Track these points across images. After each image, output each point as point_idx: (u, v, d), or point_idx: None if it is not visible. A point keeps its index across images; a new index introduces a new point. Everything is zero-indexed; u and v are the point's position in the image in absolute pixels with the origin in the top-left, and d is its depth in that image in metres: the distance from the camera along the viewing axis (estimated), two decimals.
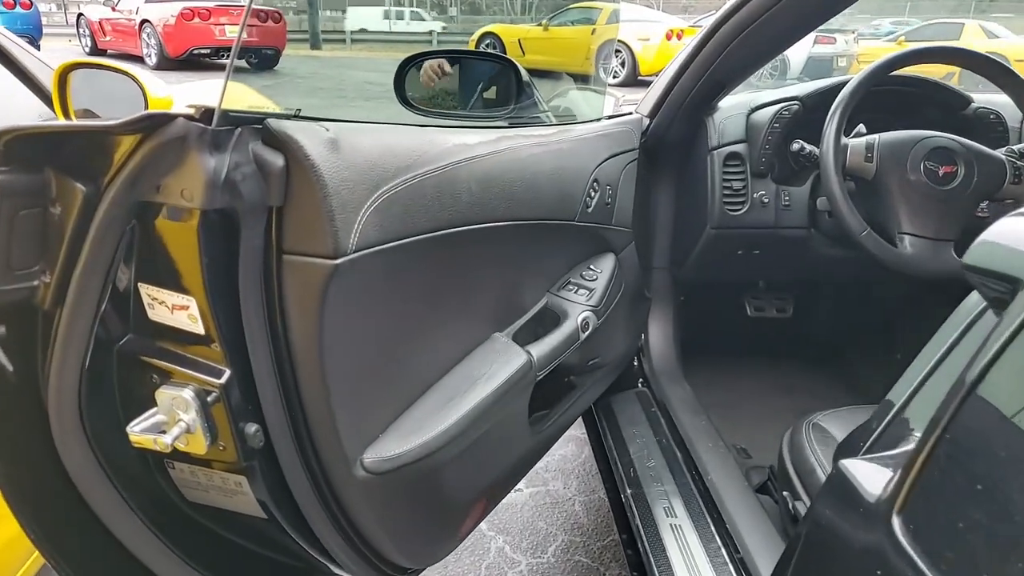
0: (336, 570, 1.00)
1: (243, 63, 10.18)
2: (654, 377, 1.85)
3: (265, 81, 9.51)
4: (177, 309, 0.74)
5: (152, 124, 0.64)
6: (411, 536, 1.03)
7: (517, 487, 2.01)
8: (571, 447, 2.25)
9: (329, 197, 0.73)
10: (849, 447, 0.85)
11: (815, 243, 1.76)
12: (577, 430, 2.16)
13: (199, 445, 0.76)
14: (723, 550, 1.29)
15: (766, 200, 1.71)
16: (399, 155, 0.85)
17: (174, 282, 0.73)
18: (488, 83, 1.56)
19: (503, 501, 1.35)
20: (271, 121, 0.72)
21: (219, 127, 0.67)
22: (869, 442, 0.75)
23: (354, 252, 0.75)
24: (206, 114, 0.66)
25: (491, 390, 1.00)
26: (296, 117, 0.74)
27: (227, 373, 0.75)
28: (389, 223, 0.81)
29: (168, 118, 0.64)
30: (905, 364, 0.79)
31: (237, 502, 0.86)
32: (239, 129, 0.70)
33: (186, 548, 0.91)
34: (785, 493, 1.36)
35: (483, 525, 1.86)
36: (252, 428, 0.78)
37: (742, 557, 1.26)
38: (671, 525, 1.36)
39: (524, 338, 1.17)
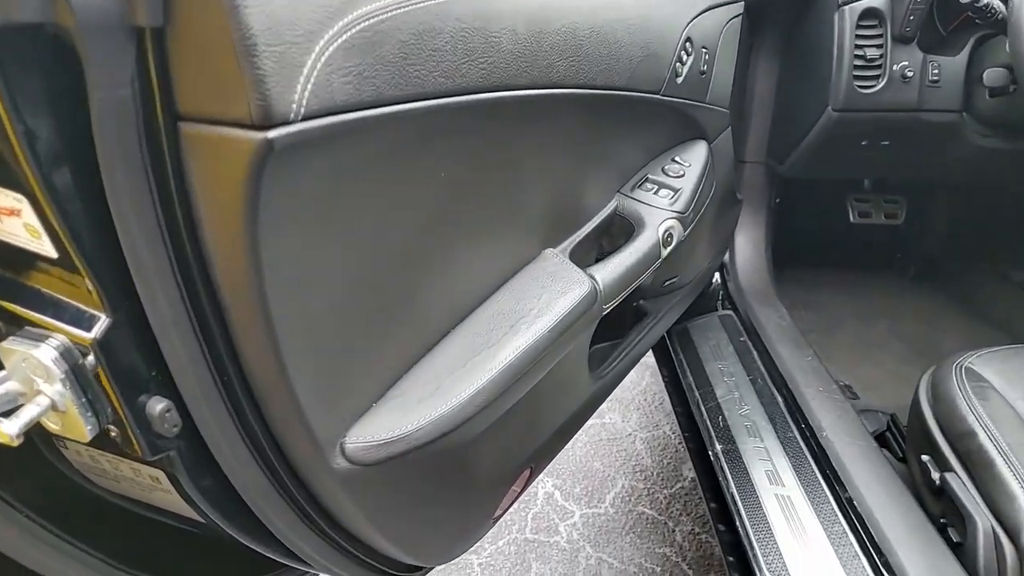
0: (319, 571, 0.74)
1: None
2: (741, 297, 1.52)
3: None
4: (6, 215, 0.43)
5: None
6: (422, 536, 0.77)
7: None
8: (630, 372, 1.95)
9: (245, 12, 0.39)
10: None
11: (967, 131, 1.36)
12: None
13: (77, 430, 0.48)
14: (850, 536, 0.99)
15: (909, 73, 1.31)
16: None
17: None
18: None
19: None
20: None
21: None
22: None
23: (303, 119, 0.44)
24: None
25: (540, 333, 0.70)
26: None
27: (104, 321, 0.46)
28: (372, 73, 0.48)
29: None
30: None
31: (160, 499, 0.60)
32: None
33: (109, 548, 0.65)
34: (924, 458, 1.04)
35: None
36: (158, 406, 0.51)
37: (878, 545, 0.96)
38: (777, 496, 1.06)
39: (585, 255, 0.88)
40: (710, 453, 1.17)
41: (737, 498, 1.07)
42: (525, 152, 0.71)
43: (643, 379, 1.91)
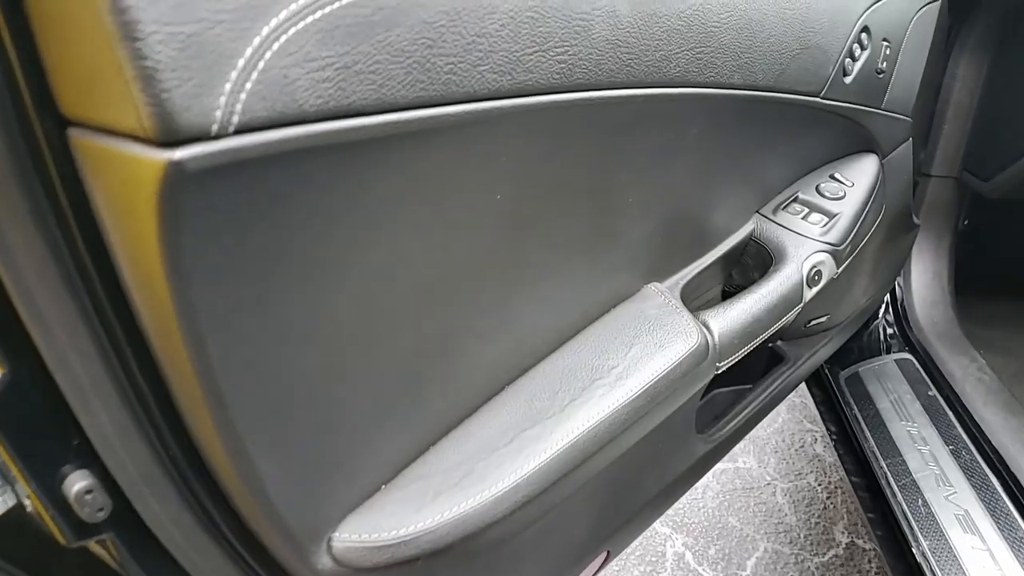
0: None
1: None
2: (925, 341, 1.27)
3: None
4: None
5: None
6: None
7: None
8: None
9: None
10: None
11: None
12: None
13: None
14: None
15: None
16: None
17: None
18: None
19: None
20: None
21: None
22: None
23: (238, 132, 0.31)
24: None
25: (622, 401, 0.55)
26: None
27: None
28: (370, 67, 0.35)
29: None
30: None
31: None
32: None
33: None
34: None
35: None
36: (78, 485, 0.40)
37: None
38: None
39: (706, 290, 0.74)
40: (914, 551, 0.94)
41: None
42: (626, 165, 0.56)
43: (778, 416, 1.68)
